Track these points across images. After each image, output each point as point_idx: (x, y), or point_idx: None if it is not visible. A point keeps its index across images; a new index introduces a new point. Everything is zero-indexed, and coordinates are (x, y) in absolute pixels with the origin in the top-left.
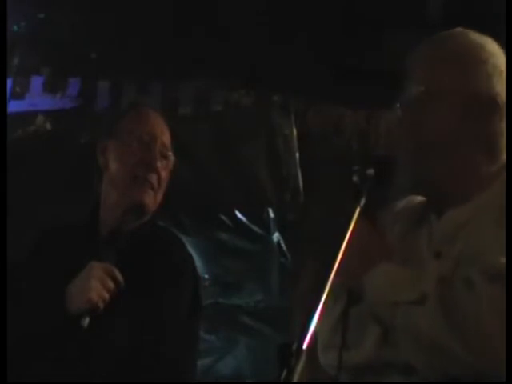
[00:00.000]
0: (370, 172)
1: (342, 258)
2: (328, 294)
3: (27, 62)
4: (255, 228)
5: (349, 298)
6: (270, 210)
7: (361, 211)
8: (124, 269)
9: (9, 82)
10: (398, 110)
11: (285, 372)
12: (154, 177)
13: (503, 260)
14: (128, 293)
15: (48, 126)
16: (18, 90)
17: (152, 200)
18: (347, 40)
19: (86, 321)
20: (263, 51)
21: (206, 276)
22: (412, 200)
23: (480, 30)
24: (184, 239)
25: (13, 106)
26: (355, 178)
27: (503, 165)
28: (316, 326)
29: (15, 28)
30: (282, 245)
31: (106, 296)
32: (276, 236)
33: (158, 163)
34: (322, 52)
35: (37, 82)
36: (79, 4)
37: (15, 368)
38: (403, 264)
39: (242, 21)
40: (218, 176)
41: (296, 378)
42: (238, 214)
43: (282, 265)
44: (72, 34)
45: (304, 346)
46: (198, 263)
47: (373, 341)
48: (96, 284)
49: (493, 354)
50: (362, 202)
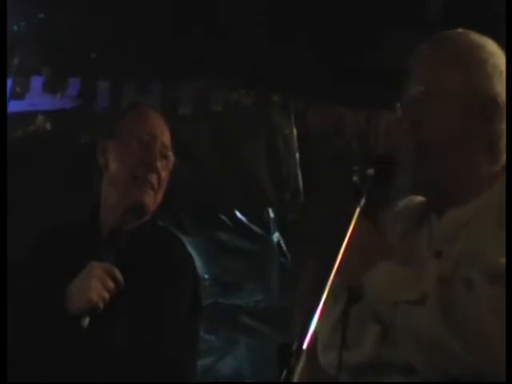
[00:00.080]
0: (370, 172)
1: (342, 258)
2: (328, 294)
3: (27, 62)
4: (255, 228)
5: (349, 297)
6: (270, 210)
7: (361, 211)
8: (124, 269)
9: (9, 82)
10: (398, 109)
11: (285, 372)
12: (153, 177)
13: (503, 260)
14: (128, 293)
15: (48, 126)
16: (18, 89)
17: (152, 200)
18: (347, 40)
19: (86, 321)
20: (263, 51)
21: (206, 276)
22: (413, 200)
23: (480, 30)
24: (184, 239)
25: (13, 106)
26: (355, 178)
27: (503, 165)
28: (316, 326)
29: (15, 28)
30: (282, 245)
31: (106, 296)
32: (276, 236)
33: (158, 163)
34: (321, 52)
35: (37, 82)
36: (79, 4)
37: (15, 368)
38: (403, 264)
39: (241, 21)
40: (218, 176)
41: (296, 378)
42: (238, 214)
43: (282, 265)
44: (72, 34)
45: (304, 346)
46: (198, 263)
47: (373, 340)
48: (96, 284)
49: (493, 354)
50: (362, 202)
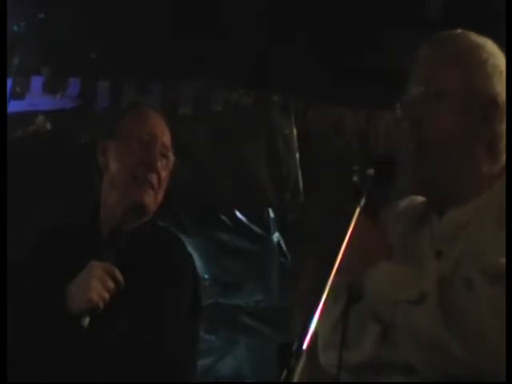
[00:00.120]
0: (370, 172)
1: (342, 257)
2: (328, 294)
3: (27, 62)
4: (255, 228)
5: (349, 297)
6: (270, 210)
7: (361, 211)
8: (124, 269)
9: (9, 82)
10: (398, 109)
11: (285, 372)
12: (154, 177)
13: (503, 260)
14: (128, 293)
15: (48, 125)
16: (18, 90)
17: (152, 200)
18: (347, 40)
19: (87, 320)
20: (263, 51)
21: (206, 276)
22: (413, 200)
23: (480, 30)
24: (184, 239)
25: (13, 106)
26: (355, 178)
27: (503, 165)
28: (316, 326)
29: (15, 28)
30: (282, 245)
31: (106, 296)
32: (276, 236)
33: (158, 163)
34: (322, 52)
35: (37, 82)
36: (79, 4)
37: (15, 368)
38: (404, 263)
39: (241, 21)
40: (218, 176)
41: (296, 378)
42: (238, 214)
43: (282, 265)
44: (72, 34)
45: (304, 346)
46: (198, 263)
47: (373, 340)
48: (96, 284)
49: (493, 354)
50: (362, 202)
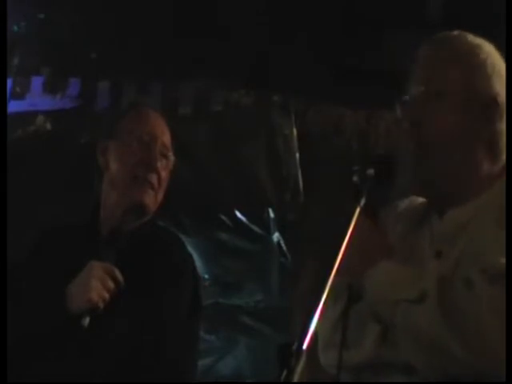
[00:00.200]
0: (370, 172)
1: (342, 257)
2: (328, 294)
3: (27, 62)
4: (255, 228)
5: (349, 297)
6: (270, 210)
7: (361, 211)
8: (124, 269)
9: (9, 82)
10: (398, 110)
11: (285, 372)
12: (154, 177)
13: (503, 260)
14: (128, 293)
15: (48, 125)
16: (18, 90)
17: (152, 200)
18: (347, 40)
19: (87, 320)
20: (263, 51)
21: (206, 276)
22: (414, 200)
23: (480, 30)
24: (184, 239)
25: (13, 106)
26: (355, 178)
27: (503, 165)
28: (316, 326)
29: (15, 28)
30: (282, 245)
31: (106, 296)
32: (276, 236)
33: (158, 163)
34: (322, 52)
35: (37, 82)
36: (79, 4)
37: (15, 368)
38: (404, 263)
39: (242, 21)
40: (218, 176)
41: (296, 378)
42: (238, 214)
43: (282, 265)
44: (72, 34)
45: (304, 346)
46: (198, 263)
47: (373, 340)
48: (96, 284)
49: (493, 354)
50: (362, 202)
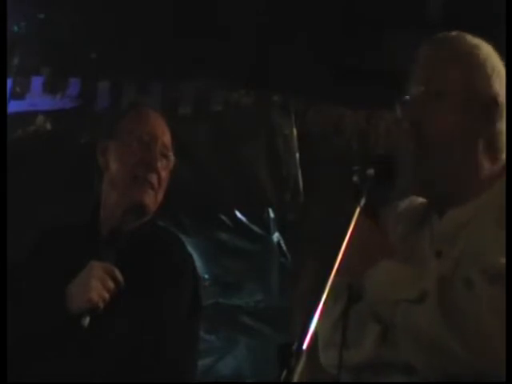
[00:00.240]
0: (370, 172)
1: (342, 258)
2: (328, 294)
3: (27, 62)
4: (255, 228)
5: (349, 297)
6: (270, 210)
7: (361, 211)
8: (124, 269)
9: (9, 82)
10: (398, 109)
11: (285, 372)
12: (154, 177)
13: (503, 260)
14: (128, 293)
15: (48, 125)
16: (18, 89)
17: (152, 200)
18: (347, 40)
19: (87, 320)
20: (263, 51)
21: (206, 276)
22: (414, 201)
23: (480, 30)
24: (184, 239)
25: (13, 106)
26: (355, 178)
27: (503, 165)
28: (316, 326)
29: (15, 28)
30: (282, 245)
31: (107, 296)
32: (276, 236)
33: (158, 163)
34: (322, 52)
35: (37, 82)
36: (79, 4)
37: (15, 368)
38: (404, 263)
39: (241, 21)
40: (218, 176)
41: (296, 378)
42: (238, 214)
43: (282, 265)
44: (72, 34)
45: (304, 346)
46: (198, 263)
47: (373, 340)
48: (96, 284)
49: (492, 354)
50: (362, 202)
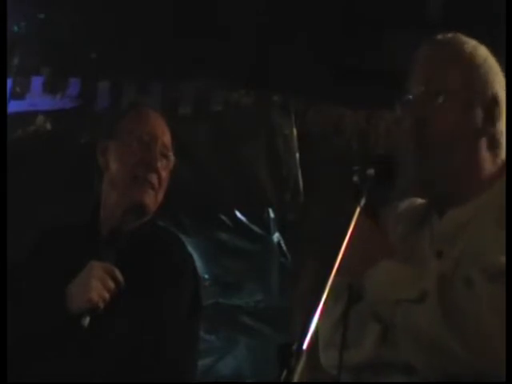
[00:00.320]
0: (370, 172)
1: (342, 258)
2: (328, 294)
3: (27, 62)
4: (255, 228)
5: (349, 297)
6: (270, 210)
7: (361, 211)
8: (124, 269)
9: (9, 82)
10: (398, 109)
11: (285, 372)
12: (154, 177)
13: (503, 259)
14: (128, 293)
15: (48, 126)
16: (18, 89)
17: (152, 200)
18: (347, 40)
19: (87, 320)
20: (263, 51)
21: (206, 276)
22: (414, 201)
23: (480, 30)
24: (184, 239)
25: (13, 106)
26: (355, 178)
27: (503, 164)
28: (316, 326)
29: (15, 28)
30: (282, 245)
31: (107, 296)
32: (276, 236)
33: (159, 163)
34: (322, 52)
35: (37, 82)
36: (79, 4)
37: (15, 368)
38: (405, 263)
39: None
40: (218, 176)
41: (296, 378)
42: (238, 214)
43: (282, 265)
44: (72, 34)
45: (304, 346)
46: (198, 263)
47: (373, 340)
48: (96, 284)
49: (493, 354)
50: (362, 202)
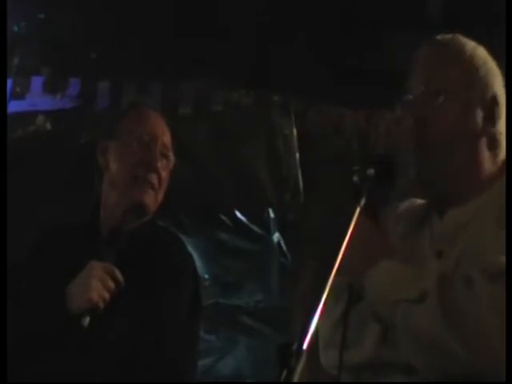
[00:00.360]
0: (370, 172)
1: (342, 258)
2: (328, 294)
3: (27, 62)
4: (255, 228)
5: (349, 297)
6: (270, 210)
7: (361, 211)
8: (124, 269)
9: (9, 82)
10: (398, 109)
11: (285, 372)
12: (154, 177)
13: (503, 259)
14: (128, 293)
15: (48, 125)
16: (18, 90)
17: (152, 200)
18: (347, 40)
19: (87, 320)
20: (263, 51)
21: (206, 276)
22: (413, 202)
23: (480, 30)
24: (184, 239)
25: (13, 106)
26: (355, 178)
27: (503, 165)
28: (317, 326)
29: (15, 28)
30: (282, 245)
31: (107, 296)
32: (276, 236)
33: (159, 163)
34: (322, 52)
35: (37, 82)
36: (79, 4)
37: (15, 368)
38: (405, 263)
39: (241, 21)
40: (218, 176)
41: (296, 378)
42: (238, 214)
43: (282, 265)
44: (72, 34)
45: (304, 347)
46: (198, 263)
47: (373, 340)
48: (96, 284)
49: (493, 354)
50: (362, 202)
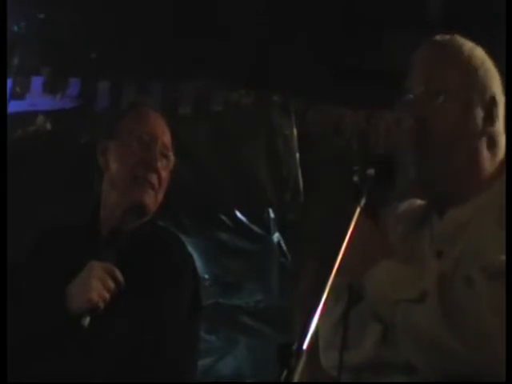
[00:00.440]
0: (370, 172)
1: (342, 258)
2: (328, 294)
3: (27, 62)
4: (255, 228)
5: (349, 297)
6: (270, 210)
7: (361, 211)
8: (124, 269)
9: (9, 82)
10: (398, 109)
11: (285, 372)
12: (154, 177)
13: (503, 258)
14: (128, 293)
15: (48, 126)
16: (18, 89)
17: (152, 200)
18: (347, 40)
19: (87, 320)
20: (263, 51)
21: (206, 276)
22: (413, 203)
23: (480, 30)
24: (184, 239)
25: (13, 106)
26: (355, 178)
27: (503, 165)
28: (317, 326)
29: (15, 28)
30: (282, 245)
31: (107, 296)
32: (276, 236)
33: (159, 163)
34: (322, 52)
35: (37, 82)
36: (79, 4)
37: (15, 368)
38: (405, 263)
39: (241, 21)
40: (218, 176)
41: (296, 378)
42: (238, 214)
43: (282, 265)
44: (72, 34)
45: (304, 347)
46: (198, 263)
47: (373, 341)
48: (96, 284)
49: (493, 353)
50: (362, 202)
